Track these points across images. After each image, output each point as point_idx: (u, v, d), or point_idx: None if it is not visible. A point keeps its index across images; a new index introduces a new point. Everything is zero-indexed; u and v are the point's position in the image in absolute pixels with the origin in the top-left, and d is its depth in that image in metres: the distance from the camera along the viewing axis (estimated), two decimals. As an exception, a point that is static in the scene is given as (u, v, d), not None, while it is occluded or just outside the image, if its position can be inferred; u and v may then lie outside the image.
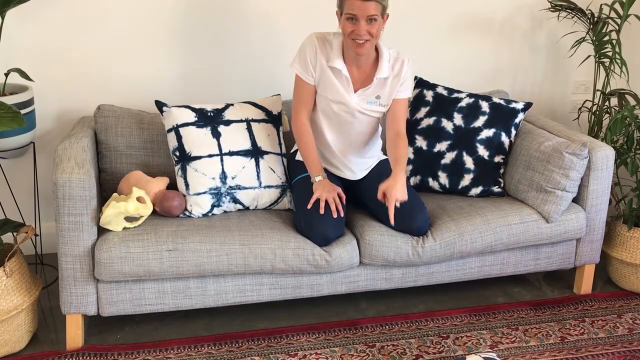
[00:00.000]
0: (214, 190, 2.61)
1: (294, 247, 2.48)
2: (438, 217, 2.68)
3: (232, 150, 2.65)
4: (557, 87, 3.58)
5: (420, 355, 2.46)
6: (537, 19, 3.42)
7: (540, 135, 2.87)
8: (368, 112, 2.65)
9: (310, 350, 2.48)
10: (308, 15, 3.09)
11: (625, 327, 2.67)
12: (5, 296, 2.33)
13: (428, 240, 2.58)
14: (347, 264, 2.54)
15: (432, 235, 2.59)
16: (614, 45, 3.12)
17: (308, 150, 2.62)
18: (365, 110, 2.63)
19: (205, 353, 2.45)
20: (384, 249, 2.55)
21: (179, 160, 2.63)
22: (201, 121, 2.67)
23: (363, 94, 2.61)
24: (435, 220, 2.67)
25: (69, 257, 2.35)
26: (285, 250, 2.47)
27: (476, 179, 2.86)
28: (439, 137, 2.89)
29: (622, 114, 2.90)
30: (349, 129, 2.68)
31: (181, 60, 3.07)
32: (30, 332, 2.48)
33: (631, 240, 2.88)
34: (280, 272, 2.50)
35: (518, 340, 2.56)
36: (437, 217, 2.68)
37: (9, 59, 2.88)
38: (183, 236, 2.42)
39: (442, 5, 3.28)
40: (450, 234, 2.61)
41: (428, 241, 2.58)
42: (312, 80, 2.61)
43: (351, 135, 2.69)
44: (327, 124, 2.68)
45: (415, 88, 3.03)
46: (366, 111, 2.64)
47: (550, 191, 2.71)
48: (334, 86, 2.59)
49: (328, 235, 2.49)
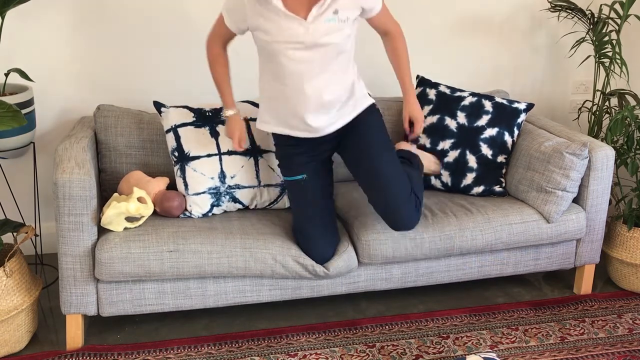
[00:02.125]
0: (213, 189, 2.61)
1: (294, 255, 2.48)
2: (439, 212, 2.68)
3: (230, 150, 2.66)
4: (557, 87, 3.58)
5: (420, 355, 2.46)
6: (537, 19, 3.42)
7: (541, 135, 2.87)
8: (326, 41, 2.26)
9: (310, 350, 2.48)
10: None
11: (625, 327, 2.67)
12: (5, 296, 2.33)
13: (428, 231, 2.58)
14: (345, 270, 2.54)
15: (432, 227, 2.60)
16: (614, 45, 3.12)
17: (221, 81, 2.49)
18: (323, 39, 2.25)
19: (205, 353, 2.45)
20: (381, 247, 2.55)
21: (178, 160, 2.63)
22: (199, 121, 2.67)
23: (319, 12, 2.23)
24: (437, 214, 2.67)
25: (69, 257, 2.35)
26: (286, 257, 2.47)
27: (478, 178, 2.86)
28: (442, 135, 2.89)
29: (622, 114, 2.90)
30: (310, 75, 2.30)
31: (181, 60, 3.06)
32: (30, 332, 2.48)
33: (631, 240, 2.88)
34: (280, 276, 2.50)
35: (518, 341, 2.56)
36: (438, 212, 2.68)
37: (9, 59, 2.88)
38: (184, 237, 2.42)
39: (442, 6, 3.28)
40: (451, 228, 2.61)
41: (428, 232, 2.58)
42: (236, 30, 2.39)
43: (315, 81, 2.32)
44: (283, 80, 2.32)
45: (417, 87, 3.03)
46: (324, 40, 2.25)
47: (550, 191, 2.71)
48: (277, 24, 2.24)
49: (327, 256, 2.51)
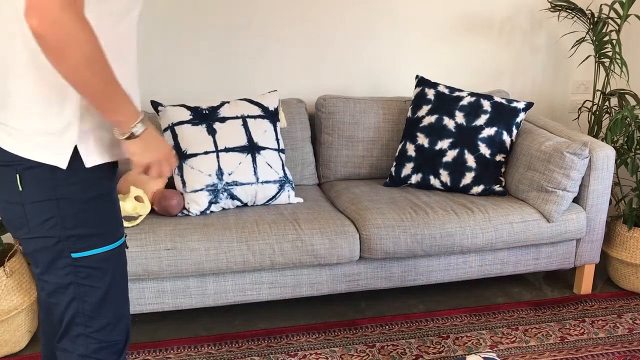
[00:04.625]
0: (211, 187, 2.61)
1: (292, 239, 2.48)
2: (440, 209, 2.68)
3: (227, 147, 2.66)
4: (557, 87, 3.58)
5: (420, 355, 2.46)
6: (537, 19, 3.42)
7: (541, 135, 2.87)
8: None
9: (310, 350, 2.47)
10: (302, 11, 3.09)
11: (625, 327, 2.67)
12: (5, 296, 2.33)
13: (428, 227, 2.59)
14: (347, 255, 2.53)
15: (432, 224, 2.60)
16: (614, 45, 3.12)
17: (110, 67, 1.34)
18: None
19: (205, 353, 2.45)
20: (382, 241, 2.55)
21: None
22: (196, 119, 2.68)
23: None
24: (437, 211, 2.67)
25: (68, 256, 2.35)
26: (284, 243, 2.47)
27: (478, 178, 2.86)
28: (440, 135, 2.89)
29: (622, 114, 2.90)
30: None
31: (180, 60, 3.07)
32: (30, 332, 2.48)
33: (631, 240, 2.88)
34: (280, 266, 2.50)
35: (518, 340, 2.56)
36: (439, 209, 2.68)
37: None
38: (181, 235, 2.42)
39: (442, 5, 3.28)
40: (451, 225, 2.61)
41: (428, 228, 2.58)
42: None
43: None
44: (132, 45, 1.49)
45: (416, 87, 3.03)
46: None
47: (551, 191, 2.71)
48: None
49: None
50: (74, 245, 1.44)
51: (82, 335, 1.52)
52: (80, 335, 1.52)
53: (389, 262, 2.64)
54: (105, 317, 1.53)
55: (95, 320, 1.52)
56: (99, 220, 1.46)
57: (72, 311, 1.50)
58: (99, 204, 1.45)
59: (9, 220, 1.47)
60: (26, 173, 1.38)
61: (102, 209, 1.46)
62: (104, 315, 1.53)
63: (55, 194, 1.39)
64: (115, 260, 1.52)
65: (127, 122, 1.36)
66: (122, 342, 1.58)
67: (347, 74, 3.23)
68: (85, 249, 1.45)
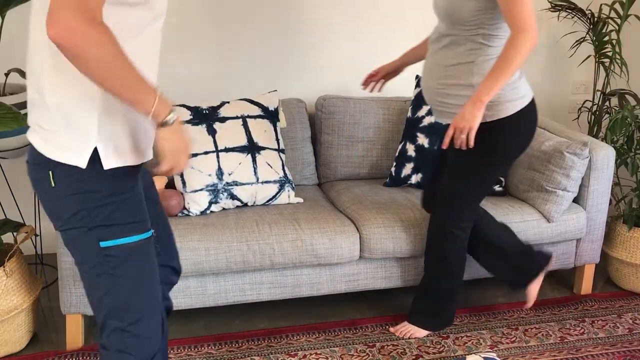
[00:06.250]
0: (211, 187, 2.61)
1: (292, 239, 2.48)
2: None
3: (227, 147, 2.66)
4: (557, 87, 3.57)
5: (420, 355, 2.46)
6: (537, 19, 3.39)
7: (541, 135, 2.87)
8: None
9: (310, 350, 2.47)
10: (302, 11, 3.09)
11: (625, 327, 2.67)
12: (5, 296, 2.33)
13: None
14: (347, 255, 2.54)
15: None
16: (614, 45, 3.12)
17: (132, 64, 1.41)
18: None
19: (205, 353, 2.45)
20: (382, 241, 2.55)
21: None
22: (196, 119, 2.68)
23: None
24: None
25: (68, 257, 2.35)
26: (284, 243, 2.47)
27: (476, 179, 2.86)
28: (440, 135, 2.89)
29: (622, 114, 2.90)
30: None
31: (180, 60, 3.07)
32: (30, 332, 2.48)
33: (631, 240, 2.88)
34: (280, 266, 2.50)
35: (518, 340, 2.56)
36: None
37: (9, 59, 2.88)
38: (181, 235, 2.42)
39: (442, 5, 3.27)
40: None
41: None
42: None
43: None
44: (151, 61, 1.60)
45: (416, 87, 3.03)
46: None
47: (551, 191, 2.71)
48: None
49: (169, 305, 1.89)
50: (102, 233, 1.53)
51: (118, 330, 1.60)
52: (116, 329, 1.60)
53: (389, 262, 2.64)
54: (139, 310, 1.60)
55: (128, 313, 1.59)
56: (125, 212, 1.55)
57: (107, 305, 1.59)
58: (123, 197, 1.55)
59: (49, 213, 1.59)
60: (57, 170, 1.51)
61: (127, 201, 1.56)
62: (137, 308, 1.60)
63: (83, 187, 1.51)
64: (143, 252, 1.60)
65: (160, 113, 1.46)
66: (157, 338, 1.66)
67: (347, 74, 3.22)
68: (113, 238, 1.54)
